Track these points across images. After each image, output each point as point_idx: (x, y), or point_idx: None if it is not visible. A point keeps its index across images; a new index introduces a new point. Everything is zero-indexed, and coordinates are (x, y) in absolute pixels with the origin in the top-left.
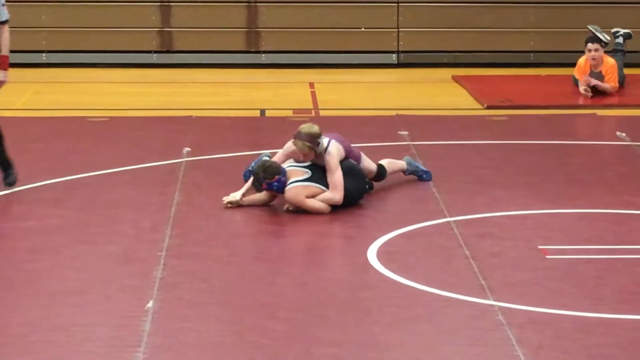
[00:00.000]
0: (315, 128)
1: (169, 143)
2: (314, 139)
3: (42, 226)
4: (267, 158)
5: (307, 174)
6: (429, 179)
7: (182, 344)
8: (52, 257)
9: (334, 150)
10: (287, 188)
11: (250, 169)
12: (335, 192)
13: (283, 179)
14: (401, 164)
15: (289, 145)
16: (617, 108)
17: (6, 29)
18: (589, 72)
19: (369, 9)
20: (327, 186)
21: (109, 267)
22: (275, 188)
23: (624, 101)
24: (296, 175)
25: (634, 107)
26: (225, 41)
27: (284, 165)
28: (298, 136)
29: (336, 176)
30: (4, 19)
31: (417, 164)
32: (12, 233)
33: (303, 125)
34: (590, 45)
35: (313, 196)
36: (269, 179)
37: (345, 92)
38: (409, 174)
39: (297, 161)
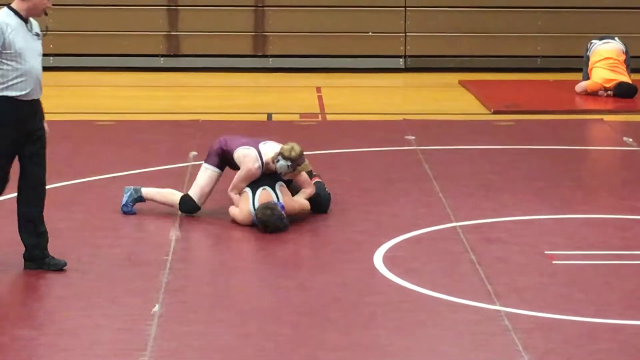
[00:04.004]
0: (297, 146)
1: (176, 147)
2: (303, 154)
3: (48, 229)
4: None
5: (272, 187)
6: None
7: (188, 348)
8: None
9: None
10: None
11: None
12: (311, 187)
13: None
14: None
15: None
16: (624, 113)
17: None
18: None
19: (376, 14)
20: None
21: (115, 271)
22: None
23: (631, 107)
24: (270, 194)
25: None
26: (232, 45)
27: (251, 204)
28: (299, 160)
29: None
30: None
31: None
32: (19, 237)
33: (285, 152)
34: None
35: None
36: (279, 213)
37: (352, 96)
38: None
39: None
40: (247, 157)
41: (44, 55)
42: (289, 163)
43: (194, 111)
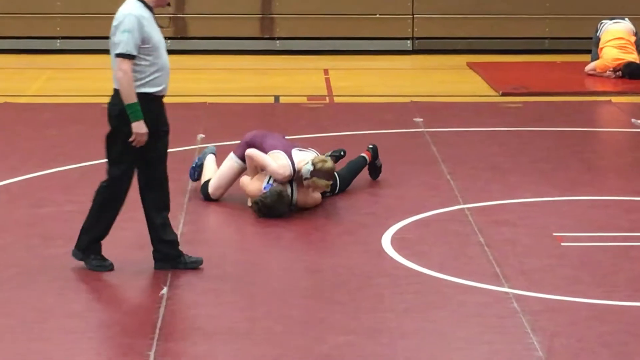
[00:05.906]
0: (330, 163)
1: (183, 129)
2: (332, 174)
3: (57, 212)
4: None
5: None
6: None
7: (196, 330)
8: (67, 244)
9: None
10: (296, 198)
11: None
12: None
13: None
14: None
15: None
16: (632, 95)
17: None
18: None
19: None
20: None
21: (123, 254)
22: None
23: (639, 88)
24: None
25: None
26: (239, 27)
27: (267, 182)
28: (319, 173)
29: None
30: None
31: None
32: (28, 219)
33: (316, 161)
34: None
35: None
36: (285, 208)
37: (360, 78)
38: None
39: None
40: (279, 161)
41: (50, 38)
42: (311, 169)
43: (201, 94)
